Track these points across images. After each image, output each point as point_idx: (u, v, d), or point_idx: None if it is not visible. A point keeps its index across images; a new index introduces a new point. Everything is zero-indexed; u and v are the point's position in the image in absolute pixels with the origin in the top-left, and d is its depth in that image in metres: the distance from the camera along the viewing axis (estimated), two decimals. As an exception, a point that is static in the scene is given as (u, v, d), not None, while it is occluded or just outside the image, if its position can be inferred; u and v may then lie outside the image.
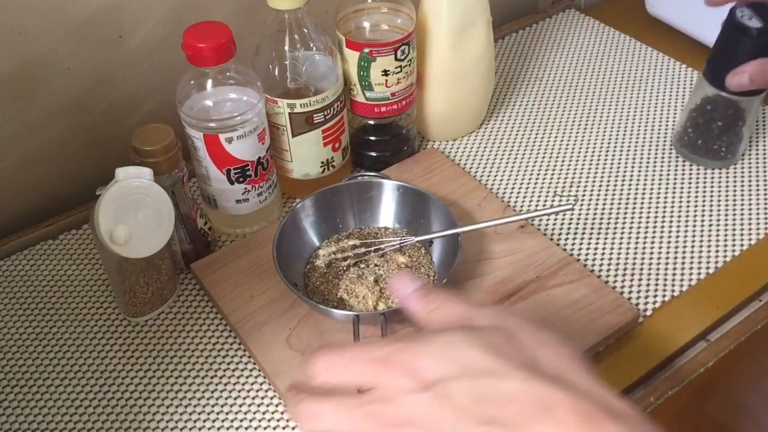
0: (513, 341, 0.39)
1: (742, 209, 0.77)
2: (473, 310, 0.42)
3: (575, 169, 0.82)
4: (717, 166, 0.81)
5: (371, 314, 0.62)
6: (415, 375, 0.37)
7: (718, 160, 0.80)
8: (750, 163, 0.82)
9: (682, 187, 0.79)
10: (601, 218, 0.76)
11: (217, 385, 0.63)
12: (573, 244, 0.74)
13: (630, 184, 0.80)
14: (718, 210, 0.77)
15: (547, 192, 0.79)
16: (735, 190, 0.79)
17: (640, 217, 0.76)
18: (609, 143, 0.85)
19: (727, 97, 0.75)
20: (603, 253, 0.73)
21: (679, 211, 0.77)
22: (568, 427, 0.35)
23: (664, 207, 0.77)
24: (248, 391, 0.62)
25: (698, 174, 0.81)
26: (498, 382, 0.36)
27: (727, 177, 0.80)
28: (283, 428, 0.60)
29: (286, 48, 0.70)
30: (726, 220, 0.75)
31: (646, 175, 0.81)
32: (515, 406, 0.35)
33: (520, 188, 0.80)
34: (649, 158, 0.83)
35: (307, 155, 0.75)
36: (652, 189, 0.79)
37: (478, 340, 0.38)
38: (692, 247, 0.73)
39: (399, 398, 0.37)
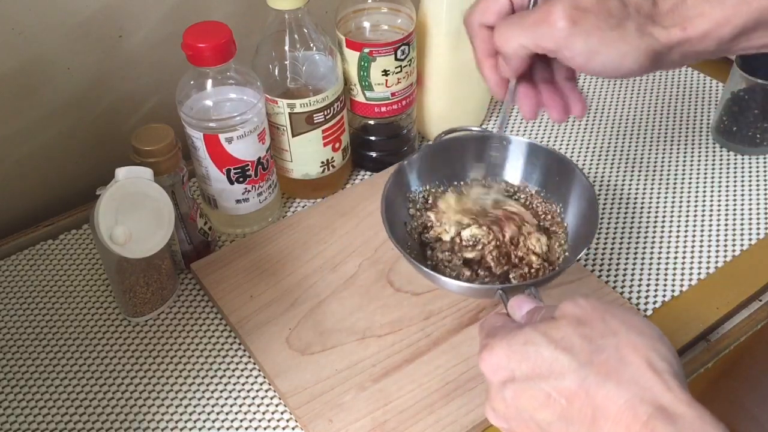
0: (583, 332, 0.41)
1: (742, 209, 0.77)
2: (556, 306, 0.45)
3: (575, 169, 0.82)
4: (754, 153, 0.82)
5: (517, 285, 0.58)
6: (495, 373, 0.43)
7: (754, 147, 0.82)
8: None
9: (682, 188, 0.79)
10: (601, 218, 0.76)
11: (217, 385, 0.63)
12: (573, 244, 0.74)
13: (629, 185, 0.80)
14: (719, 210, 0.77)
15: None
16: (735, 189, 0.79)
17: (640, 218, 0.76)
18: (607, 144, 0.85)
19: (763, 84, 0.77)
20: (603, 253, 0.73)
21: (679, 212, 0.77)
22: (624, 426, 0.37)
23: (664, 207, 0.77)
24: (248, 391, 0.62)
25: (698, 173, 0.81)
26: (561, 381, 0.40)
27: (727, 178, 0.80)
28: (283, 428, 0.60)
29: (286, 48, 0.70)
30: (727, 219, 0.75)
31: (645, 177, 0.81)
32: (577, 405, 0.39)
33: (520, 188, 0.80)
34: (649, 160, 0.83)
35: (307, 155, 0.75)
36: (652, 189, 0.79)
37: (550, 337, 0.42)
38: (692, 247, 0.73)
39: (489, 392, 0.44)
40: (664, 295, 0.69)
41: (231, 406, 0.61)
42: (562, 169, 0.66)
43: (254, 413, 0.61)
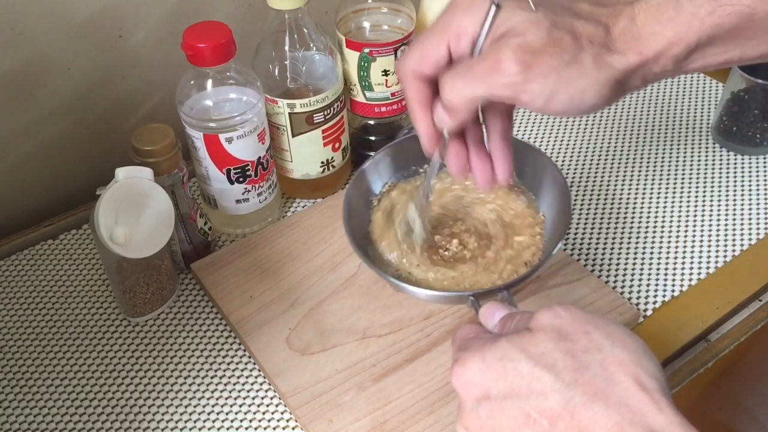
0: (564, 346, 0.39)
1: (742, 209, 0.77)
2: (536, 313, 0.42)
3: (575, 169, 0.82)
4: (754, 153, 0.82)
5: (489, 290, 0.56)
6: (469, 390, 0.40)
7: (754, 147, 0.82)
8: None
9: (682, 188, 0.79)
10: (602, 218, 0.76)
11: (217, 385, 0.63)
12: (573, 244, 0.73)
13: (629, 185, 0.80)
14: (719, 210, 0.77)
15: (547, 192, 0.79)
16: (735, 189, 0.79)
17: (640, 217, 0.76)
18: (607, 144, 0.85)
19: (763, 84, 0.78)
20: (603, 253, 0.73)
21: (679, 211, 0.77)
22: None
23: (664, 207, 0.77)
24: (248, 391, 0.62)
25: (698, 173, 0.81)
26: (542, 401, 0.37)
27: (727, 178, 0.80)
28: (283, 428, 0.60)
29: (286, 48, 0.70)
30: (727, 219, 0.75)
31: (645, 177, 0.81)
32: (560, 427, 0.37)
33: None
34: (649, 160, 0.83)
35: (307, 155, 0.75)
36: (652, 189, 0.79)
37: (529, 352, 0.39)
38: (692, 246, 0.73)
39: (462, 409, 0.41)
40: (664, 295, 0.69)
41: (231, 406, 0.61)
42: (533, 160, 0.63)
43: (254, 413, 0.61)
